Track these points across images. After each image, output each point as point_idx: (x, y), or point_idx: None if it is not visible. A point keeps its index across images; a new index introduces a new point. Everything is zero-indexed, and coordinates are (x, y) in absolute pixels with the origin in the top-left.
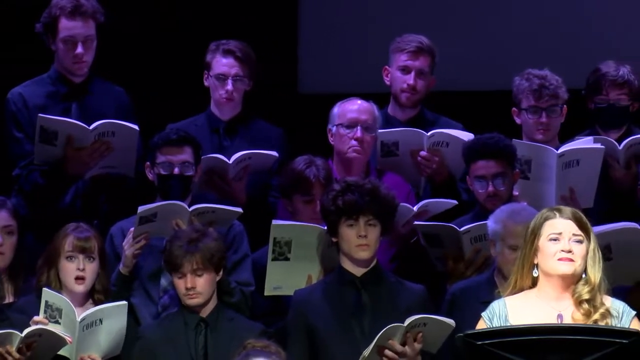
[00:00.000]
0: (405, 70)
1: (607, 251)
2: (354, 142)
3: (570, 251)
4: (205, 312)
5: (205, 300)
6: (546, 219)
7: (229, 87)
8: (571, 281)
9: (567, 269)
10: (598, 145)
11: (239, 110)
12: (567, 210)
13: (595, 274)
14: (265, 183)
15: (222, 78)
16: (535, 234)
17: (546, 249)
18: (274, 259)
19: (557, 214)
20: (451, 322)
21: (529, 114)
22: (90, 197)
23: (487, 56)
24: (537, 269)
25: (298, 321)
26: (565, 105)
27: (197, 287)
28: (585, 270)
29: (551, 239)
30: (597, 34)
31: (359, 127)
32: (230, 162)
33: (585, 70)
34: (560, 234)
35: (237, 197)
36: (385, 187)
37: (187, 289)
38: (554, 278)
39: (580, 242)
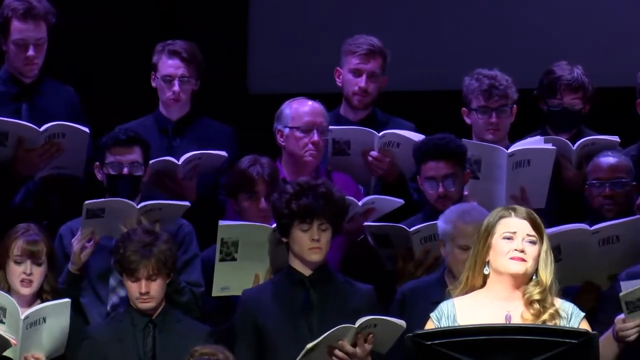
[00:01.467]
0: (357, 73)
1: (557, 252)
2: (310, 146)
3: (523, 251)
4: (153, 313)
5: (157, 304)
6: (501, 217)
7: (176, 88)
8: (522, 281)
9: (518, 268)
10: (550, 146)
11: (187, 110)
12: (523, 210)
13: (547, 275)
14: (214, 182)
15: (168, 79)
16: (489, 231)
17: (499, 247)
18: (221, 260)
19: (513, 213)
20: (402, 323)
21: (479, 114)
22: (40, 197)
23: (437, 56)
24: (488, 266)
25: (246, 320)
26: (515, 105)
27: (151, 291)
28: (536, 272)
29: (505, 238)
30: (546, 34)
31: (315, 131)
32: (180, 162)
33: (534, 70)
34: (514, 233)
35: (187, 196)
36: (338, 189)
37: (141, 293)
38: (504, 277)
39: (533, 242)
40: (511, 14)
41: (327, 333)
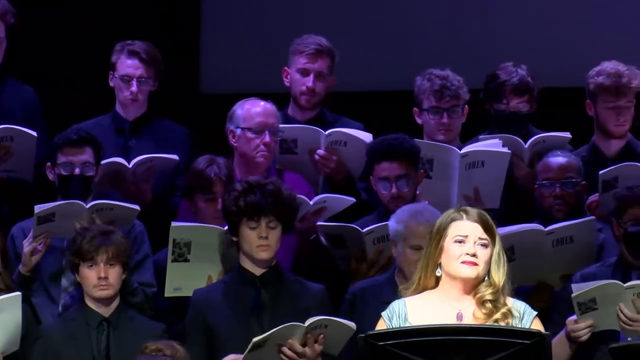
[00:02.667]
0: (304, 72)
1: (511, 252)
2: (262, 147)
3: (474, 255)
4: (107, 312)
5: (114, 293)
6: (453, 219)
7: (134, 88)
8: (473, 284)
9: (470, 272)
10: (504, 150)
11: (144, 111)
12: (474, 212)
13: (500, 277)
14: (169, 183)
15: (126, 79)
16: (441, 234)
17: (451, 250)
18: (173, 261)
19: (464, 216)
20: (352, 325)
21: (431, 114)
22: None
23: (388, 56)
24: (440, 268)
25: (196, 320)
26: (466, 106)
27: (110, 277)
28: (489, 273)
29: (456, 241)
30: (496, 34)
31: (267, 132)
32: (130, 165)
33: (485, 70)
34: (466, 236)
35: (143, 197)
36: (287, 187)
37: (99, 278)
38: (456, 280)
39: (485, 246)
40: (461, 14)
41: (275, 329)
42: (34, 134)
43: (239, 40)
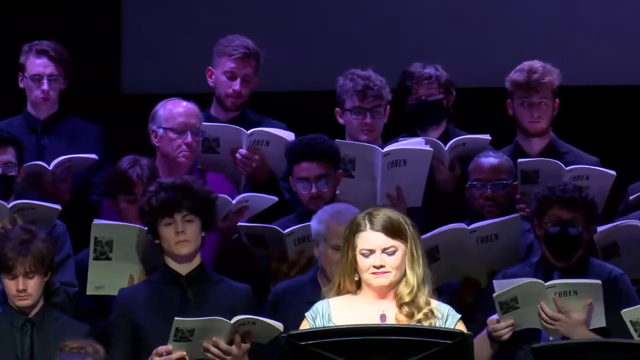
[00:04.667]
0: (232, 76)
1: (435, 252)
2: (184, 147)
3: (382, 266)
4: (31, 313)
5: (34, 302)
6: (358, 230)
7: (45, 86)
8: (391, 288)
9: (381, 281)
10: (427, 147)
11: (56, 110)
12: (379, 220)
13: (414, 275)
14: (86, 181)
15: (37, 78)
16: (349, 244)
17: (360, 262)
18: (95, 259)
19: (368, 225)
20: (279, 325)
21: (353, 114)
22: None
23: (309, 57)
24: (358, 273)
25: (122, 319)
26: (388, 106)
27: (29, 289)
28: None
29: (362, 254)
30: (417, 34)
31: (189, 132)
32: (50, 167)
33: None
34: (371, 249)
35: (61, 197)
36: (200, 182)
37: (18, 290)
38: (373, 286)
39: (393, 252)
40: (381, 14)
41: (202, 318)
42: None
43: (160, 41)
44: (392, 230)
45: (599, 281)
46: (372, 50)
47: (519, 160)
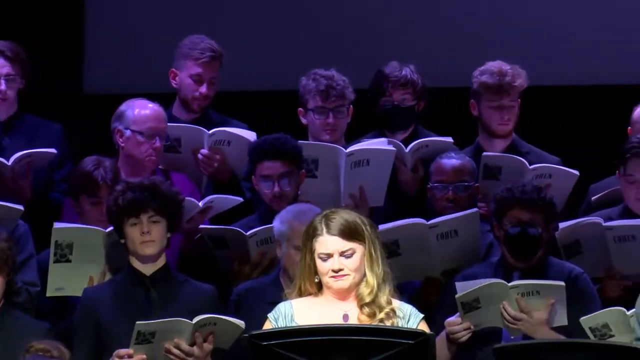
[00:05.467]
0: (199, 80)
1: (396, 246)
2: (151, 152)
3: (340, 269)
4: None
5: None
6: (315, 233)
7: (2, 87)
8: (351, 289)
9: (341, 284)
10: (389, 147)
11: (15, 110)
12: (335, 223)
13: (374, 275)
14: (47, 178)
15: None
16: (307, 248)
17: (319, 266)
18: (55, 261)
19: (325, 230)
20: (241, 323)
21: (316, 114)
22: None
23: (272, 56)
24: (319, 274)
25: (86, 319)
26: (351, 106)
27: None
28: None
29: (321, 258)
30: (382, 34)
31: (157, 138)
32: (9, 163)
33: (370, 70)
34: (328, 254)
35: (22, 194)
36: (167, 183)
37: None
38: (333, 289)
39: (350, 255)
40: (347, 13)
41: (161, 320)
42: None
43: (123, 41)
44: (349, 233)
45: (562, 282)
46: (335, 50)
47: (484, 153)
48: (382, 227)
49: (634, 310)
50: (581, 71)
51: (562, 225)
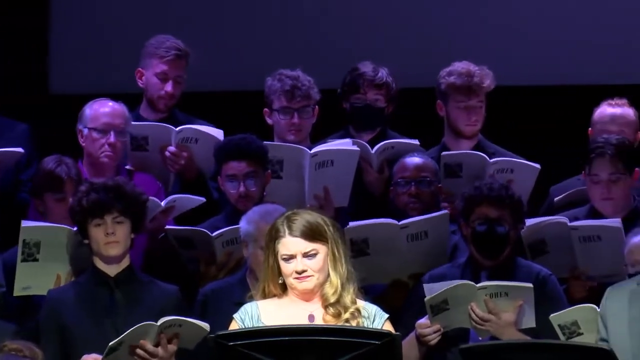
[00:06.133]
0: (164, 78)
1: (365, 245)
2: (107, 147)
3: (303, 271)
4: None
5: None
6: (277, 235)
7: None
8: (316, 290)
9: (305, 285)
10: (353, 147)
11: None
12: (297, 225)
13: (337, 275)
14: (14, 179)
15: None
16: (270, 250)
17: (283, 267)
18: (23, 260)
19: (287, 231)
20: (205, 325)
21: (281, 114)
22: None
23: (239, 57)
24: (283, 276)
25: (50, 320)
26: (316, 106)
27: None
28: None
29: (284, 260)
30: (349, 35)
31: (112, 132)
32: None
33: (336, 70)
34: (291, 255)
35: None
36: (132, 184)
37: None
38: (297, 290)
39: (314, 256)
40: (313, 14)
41: (129, 331)
42: None
43: (88, 41)
44: (311, 234)
45: (530, 284)
46: (301, 51)
47: (443, 153)
48: (352, 224)
49: (598, 310)
50: (545, 72)
51: (528, 222)
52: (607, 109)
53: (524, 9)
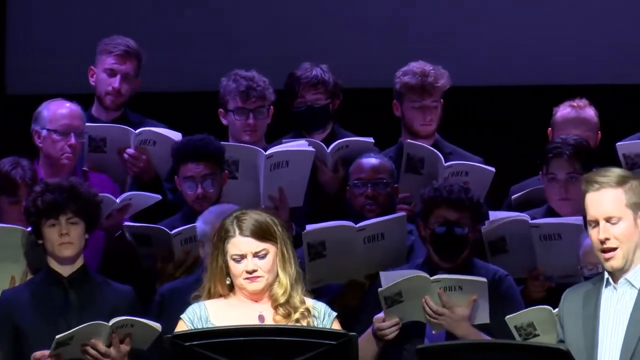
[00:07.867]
0: (112, 73)
1: (322, 247)
2: (67, 149)
3: (254, 270)
4: None
5: None
6: (227, 235)
7: None
8: (266, 290)
9: (255, 286)
10: (309, 148)
11: None
12: (247, 225)
13: (286, 275)
14: None
15: None
16: (219, 250)
17: (232, 268)
18: None
19: (237, 232)
20: (157, 325)
21: (236, 115)
22: None
23: (192, 57)
24: (230, 277)
25: (4, 321)
26: (272, 107)
27: None
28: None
29: (234, 260)
30: (305, 34)
31: (72, 134)
32: None
33: (292, 70)
34: (242, 255)
35: None
36: (86, 185)
37: None
38: (247, 291)
39: (264, 256)
40: (268, 14)
41: (79, 327)
42: None
43: (44, 42)
44: (261, 234)
45: (484, 279)
46: (256, 51)
47: (407, 141)
48: (309, 227)
49: (556, 311)
50: (503, 72)
51: (490, 216)
52: (568, 110)
53: (480, 9)
